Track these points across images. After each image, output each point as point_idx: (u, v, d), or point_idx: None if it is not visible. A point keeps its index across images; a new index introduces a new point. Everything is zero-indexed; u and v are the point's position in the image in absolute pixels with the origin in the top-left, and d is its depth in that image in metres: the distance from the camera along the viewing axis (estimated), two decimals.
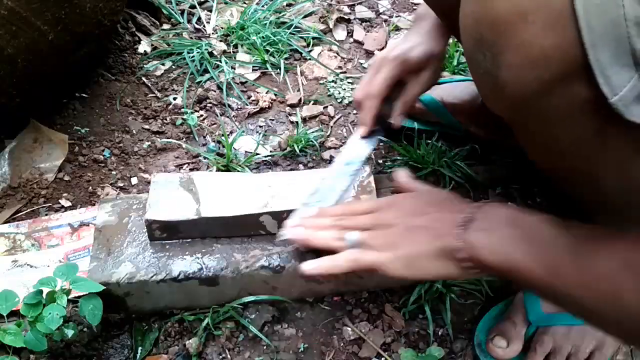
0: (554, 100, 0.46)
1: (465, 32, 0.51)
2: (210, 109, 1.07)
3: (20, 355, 0.71)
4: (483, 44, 0.48)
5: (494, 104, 0.53)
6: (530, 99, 0.47)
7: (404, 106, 0.84)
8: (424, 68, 0.82)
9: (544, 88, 0.46)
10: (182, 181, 0.78)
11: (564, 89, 0.45)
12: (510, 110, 0.52)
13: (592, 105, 0.45)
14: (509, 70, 0.46)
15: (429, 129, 0.98)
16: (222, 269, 0.73)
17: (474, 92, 0.95)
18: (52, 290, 0.68)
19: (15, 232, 0.85)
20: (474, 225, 0.57)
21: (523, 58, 0.45)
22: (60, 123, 1.01)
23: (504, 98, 0.49)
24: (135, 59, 1.15)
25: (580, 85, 0.44)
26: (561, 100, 0.46)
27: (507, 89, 0.48)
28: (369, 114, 0.82)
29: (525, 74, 0.46)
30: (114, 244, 0.75)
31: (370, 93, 0.82)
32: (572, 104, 0.46)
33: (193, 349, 0.73)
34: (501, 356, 0.72)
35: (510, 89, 0.47)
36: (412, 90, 0.83)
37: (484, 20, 0.47)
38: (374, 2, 1.33)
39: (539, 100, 0.47)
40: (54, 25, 0.84)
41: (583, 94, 0.45)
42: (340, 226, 0.66)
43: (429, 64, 0.81)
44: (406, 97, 0.83)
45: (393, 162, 0.97)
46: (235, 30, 1.20)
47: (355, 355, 0.75)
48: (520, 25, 0.44)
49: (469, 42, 0.50)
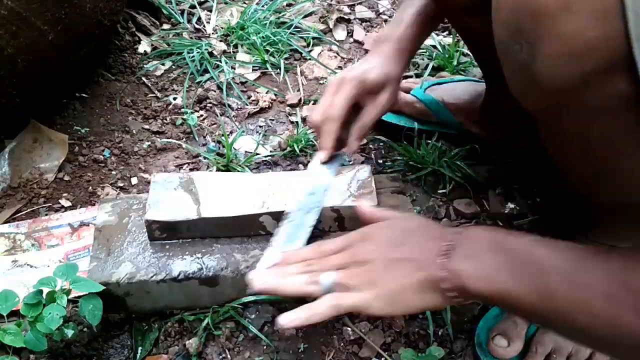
0: (591, 94, 0.45)
1: (501, 23, 0.49)
2: (210, 109, 1.07)
3: (20, 355, 0.71)
4: (520, 34, 0.46)
5: (525, 97, 0.52)
6: (567, 92, 0.46)
7: (361, 130, 0.79)
8: (381, 90, 0.78)
9: (583, 81, 0.45)
10: (182, 181, 0.78)
11: (603, 83, 0.44)
12: (543, 104, 0.51)
13: (630, 100, 0.44)
14: (548, 61, 0.45)
15: (429, 129, 0.98)
16: (222, 269, 0.73)
17: (474, 92, 0.95)
18: (52, 290, 0.68)
19: (15, 232, 0.85)
20: (457, 252, 0.54)
21: (564, 49, 0.44)
22: (60, 123, 1.01)
23: (539, 91, 0.48)
24: (135, 59, 1.15)
25: (621, 80, 0.43)
26: (599, 95, 0.45)
27: (543, 81, 0.46)
28: (329, 138, 0.77)
29: (565, 66, 0.44)
30: (114, 244, 0.75)
31: (330, 116, 0.76)
32: (610, 98, 0.45)
33: (193, 349, 0.73)
34: (502, 355, 0.72)
35: (546, 81, 0.46)
36: (369, 114, 0.79)
37: (524, 9, 0.45)
38: (374, 2, 1.33)
39: (575, 93, 0.46)
40: (54, 25, 0.84)
41: (622, 89, 0.43)
42: (310, 271, 0.61)
43: (386, 86, 0.79)
44: (363, 120, 0.79)
45: (393, 162, 0.97)
46: (235, 30, 1.20)
47: (355, 355, 0.75)
48: (563, 15, 0.43)
49: (504, 32, 0.49)
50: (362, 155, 0.99)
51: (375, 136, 1.01)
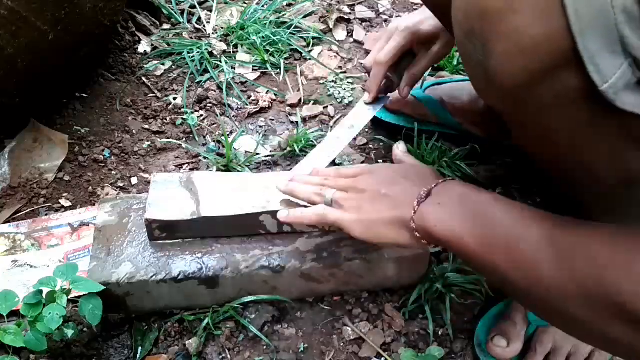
0: (544, 90, 0.46)
1: (457, 25, 0.51)
2: (210, 109, 1.07)
3: (20, 355, 0.71)
4: (473, 35, 0.48)
5: (486, 95, 0.54)
6: (521, 88, 0.47)
7: (412, 78, 0.87)
8: (434, 41, 0.84)
9: (534, 77, 0.46)
10: (182, 181, 0.78)
11: (555, 78, 0.45)
12: (502, 102, 0.52)
13: (582, 94, 0.45)
14: (499, 59, 0.46)
15: (429, 129, 0.98)
16: (222, 269, 0.73)
17: (474, 93, 0.95)
18: (52, 290, 0.68)
19: (15, 232, 0.85)
20: (430, 199, 0.60)
21: (512, 47, 0.45)
22: (60, 123, 1.01)
23: (495, 89, 0.49)
24: (135, 59, 1.15)
25: (571, 74, 0.44)
26: (552, 90, 0.46)
27: (497, 79, 0.48)
28: (374, 81, 0.86)
29: (515, 63, 0.46)
30: (114, 244, 0.75)
31: (377, 61, 0.85)
32: (563, 93, 0.46)
33: (193, 349, 0.73)
34: (501, 356, 0.72)
35: (500, 78, 0.48)
36: (421, 63, 0.86)
37: (473, 10, 0.47)
38: (374, 2, 1.33)
39: (529, 90, 0.47)
40: (54, 25, 0.84)
41: (573, 83, 0.44)
42: (323, 184, 0.71)
43: (439, 38, 0.84)
44: (414, 69, 0.87)
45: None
46: (235, 30, 1.20)
47: (355, 355, 0.75)
48: (508, 14, 0.44)
49: (460, 34, 0.51)
50: (362, 155, 0.99)
51: (375, 136, 1.01)
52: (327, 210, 0.67)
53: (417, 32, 0.84)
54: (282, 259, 0.74)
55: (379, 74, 0.86)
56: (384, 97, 0.90)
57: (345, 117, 0.90)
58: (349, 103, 1.08)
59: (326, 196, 0.68)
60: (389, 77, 0.88)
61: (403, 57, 0.87)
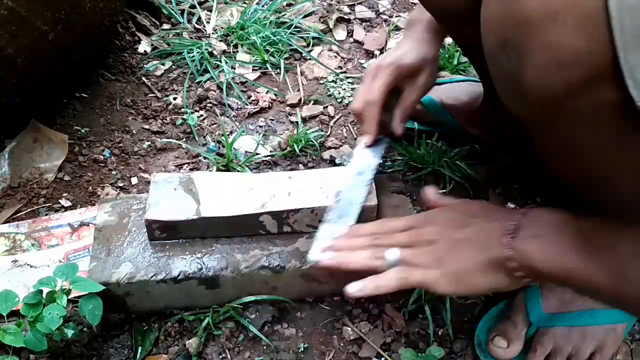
0: (579, 103, 0.45)
1: (489, 32, 0.50)
2: (210, 109, 1.07)
3: (20, 355, 0.71)
4: (508, 45, 0.47)
5: (515, 106, 0.52)
6: (555, 101, 0.46)
7: (403, 113, 0.83)
8: (418, 73, 0.81)
9: (571, 91, 0.45)
10: (182, 181, 0.78)
11: (591, 92, 0.44)
12: (532, 113, 0.51)
13: (618, 109, 0.44)
14: (535, 71, 0.45)
15: (429, 129, 0.98)
16: (222, 269, 0.73)
17: (474, 93, 0.95)
18: (52, 290, 0.68)
19: (15, 232, 0.85)
20: (523, 232, 0.55)
21: (550, 59, 0.44)
22: (60, 123, 1.01)
23: (526, 101, 0.48)
24: (135, 59, 1.15)
25: (608, 89, 0.43)
26: (587, 104, 0.45)
27: (531, 91, 0.47)
28: (372, 121, 0.81)
29: (552, 76, 0.45)
30: (114, 244, 0.75)
31: (369, 101, 0.80)
32: (598, 107, 0.45)
33: (193, 349, 0.73)
34: (501, 356, 0.72)
35: (534, 91, 0.46)
36: (410, 97, 0.83)
37: (510, 19, 0.46)
38: (374, 2, 1.33)
39: (563, 103, 0.46)
40: (54, 25, 0.84)
41: (610, 97, 0.44)
42: (376, 245, 0.64)
43: (423, 69, 0.81)
44: (404, 103, 0.83)
45: (393, 162, 0.97)
46: (235, 30, 1.20)
47: (355, 355, 0.75)
48: (549, 25, 0.43)
49: (491, 42, 0.50)
50: None
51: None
52: (406, 272, 0.60)
53: (401, 67, 0.80)
54: (282, 259, 0.74)
55: (374, 114, 0.80)
56: (382, 138, 0.84)
57: (349, 167, 0.81)
58: (349, 103, 1.08)
59: (391, 258, 0.61)
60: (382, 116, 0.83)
61: (390, 95, 0.83)
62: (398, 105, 0.84)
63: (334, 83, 1.13)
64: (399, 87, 0.83)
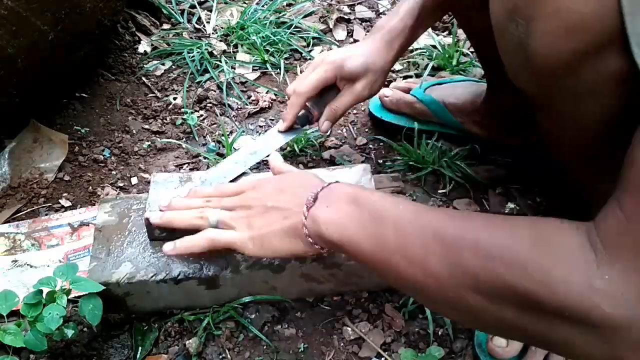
0: (585, 72, 0.46)
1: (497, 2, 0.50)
2: (210, 109, 1.07)
3: (20, 355, 0.71)
4: (516, 12, 0.47)
5: (521, 77, 0.53)
6: (562, 69, 0.47)
7: (332, 112, 0.84)
8: (358, 79, 0.81)
9: (577, 58, 0.45)
10: (182, 181, 0.78)
11: (597, 60, 0.44)
12: (538, 84, 0.51)
13: (624, 77, 0.44)
14: (543, 39, 0.46)
15: (429, 129, 0.98)
16: (222, 269, 0.73)
17: (475, 92, 0.95)
18: (52, 290, 0.68)
19: (15, 232, 0.85)
20: (318, 203, 0.59)
21: (558, 26, 0.44)
22: (60, 123, 1.01)
23: (534, 70, 0.48)
24: (135, 59, 1.15)
25: (614, 56, 0.43)
26: (593, 72, 0.45)
27: (538, 59, 0.47)
28: (291, 111, 0.84)
29: (560, 43, 0.45)
30: (114, 243, 0.75)
31: (297, 91, 0.83)
32: (604, 75, 0.45)
33: (193, 349, 0.73)
34: (501, 355, 0.72)
35: (541, 59, 0.47)
36: (342, 99, 0.83)
37: None
38: (374, 2, 1.33)
39: (570, 71, 0.46)
40: (54, 25, 0.84)
41: (616, 66, 0.44)
42: (206, 206, 0.68)
43: (365, 76, 0.81)
44: (335, 104, 0.84)
45: (393, 162, 0.97)
46: (235, 30, 1.20)
47: (355, 355, 0.75)
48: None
49: (500, 11, 0.50)
50: (362, 155, 0.99)
51: (375, 136, 1.01)
52: (217, 232, 0.64)
53: (342, 67, 0.81)
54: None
55: (296, 104, 0.83)
56: (299, 128, 0.87)
57: (253, 142, 0.86)
58: None
59: (210, 218, 0.65)
60: (309, 109, 0.85)
61: (326, 90, 0.84)
62: (330, 103, 0.84)
63: None
64: (338, 87, 0.83)
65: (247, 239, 0.63)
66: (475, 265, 0.46)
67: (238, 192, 0.68)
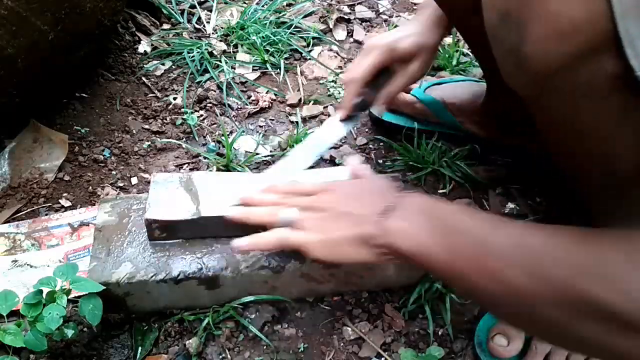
0: (579, 75, 0.46)
1: (490, 6, 0.50)
2: (210, 109, 1.07)
3: (20, 355, 0.71)
4: (509, 17, 0.47)
5: (516, 80, 0.53)
6: (555, 73, 0.47)
7: (388, 96, 0.85)
8: (412, 59, 0.82)
9: (570, 62, 0.45)
10: (182, 181, 0.78)
11: (591, 63, 0.44)
12: (533, 87, 0.51)
13: (618, 79, 0.44)
14: (535, 43, 0.46)
15: (429, 129, 0.98)
16: (222, 269, 0.73)
17: (475, 92, 0.95)
18: (52, 290, 0.68)
19: (15, 232, 0.85)
20: (393, 214, 0.59)
21: (550, 30, 0.44)
22: (60, 123, 1.01)
23: (527, 73, 0.49)
24: (135, 59, 1.15)
25: (608, 59, 0.43)
26: (586, 75, 0.45)
27: (531, 63, 0.47)
28: (347, 98, 0.84)
29: (552, 47, 0.45)
30: (114, 243, 0.75)
31: (353, 77, 0.83)
32: (598, 78, 0.45)
33: (193, 349, 0.73)
34: (502, 355, 0.72)
35: (535, 63, 0.47)
36: (398, 81, 0.84)
37: None
38: (374, 2, 1.33)
39: (563, 74, 0.46)
40: (54, 25, 0.84)
41: (610, 68, 0.44)
42: (282, 204, 0.67)
43: (418, 56, 0.82)
44: (391, 87, 0.84)
45: (393, 162, 0.97)
46: (235, 30, 1.20)
47: (355, 355, 0.75)
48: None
49: (493, 16, 0.50)
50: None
51: (375, 136, 1.01)
52: (289, 233, 0.64)
53: (395, 50, 0.81)
54: (282, 259, 0.74)
55: (353, 91, 0.83)
56: (357, 114, 0.87)
57: (314, 132, 0.86)
58: None
59: (282, 217, 0.65)
60: (365, 94, 0.85)
61: (380, 74, 0.84)
62: (385, 86, 0.84)
63: (334, 83, 1.13)
64: (392, 70, 0.83)
65: (317, 242, 0.62)
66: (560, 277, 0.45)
67: (314, 192, 0.68)
